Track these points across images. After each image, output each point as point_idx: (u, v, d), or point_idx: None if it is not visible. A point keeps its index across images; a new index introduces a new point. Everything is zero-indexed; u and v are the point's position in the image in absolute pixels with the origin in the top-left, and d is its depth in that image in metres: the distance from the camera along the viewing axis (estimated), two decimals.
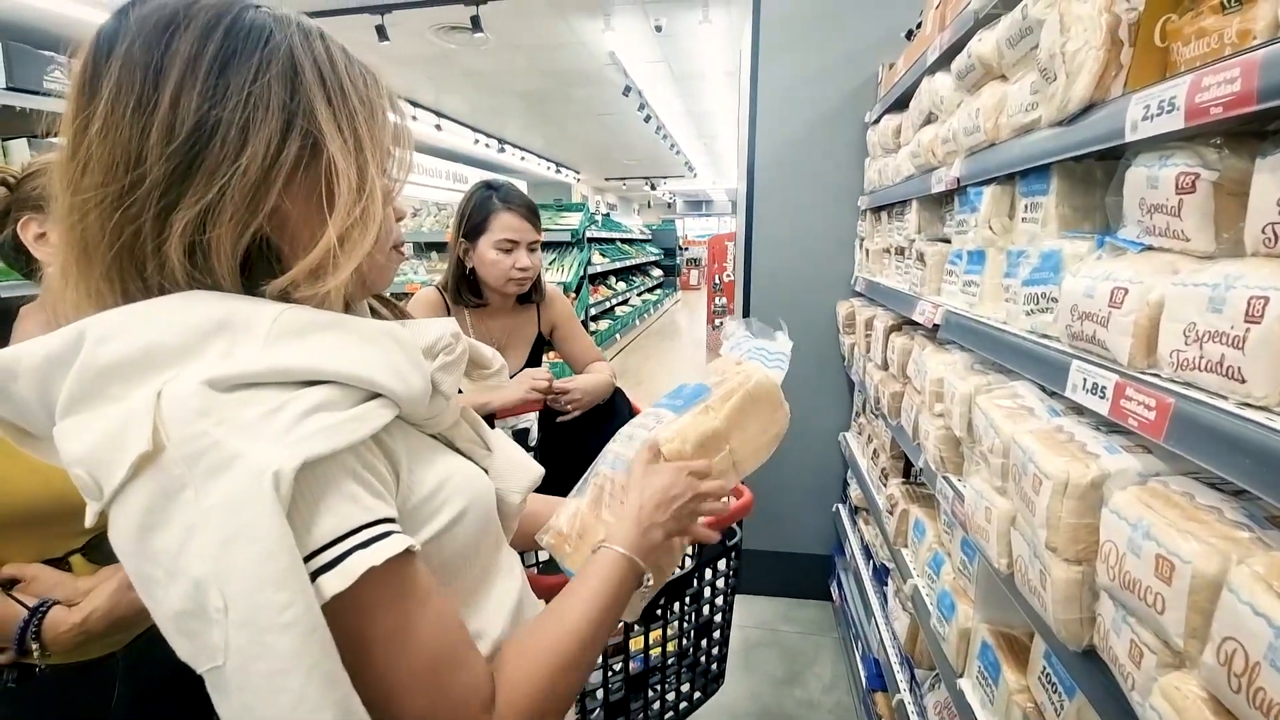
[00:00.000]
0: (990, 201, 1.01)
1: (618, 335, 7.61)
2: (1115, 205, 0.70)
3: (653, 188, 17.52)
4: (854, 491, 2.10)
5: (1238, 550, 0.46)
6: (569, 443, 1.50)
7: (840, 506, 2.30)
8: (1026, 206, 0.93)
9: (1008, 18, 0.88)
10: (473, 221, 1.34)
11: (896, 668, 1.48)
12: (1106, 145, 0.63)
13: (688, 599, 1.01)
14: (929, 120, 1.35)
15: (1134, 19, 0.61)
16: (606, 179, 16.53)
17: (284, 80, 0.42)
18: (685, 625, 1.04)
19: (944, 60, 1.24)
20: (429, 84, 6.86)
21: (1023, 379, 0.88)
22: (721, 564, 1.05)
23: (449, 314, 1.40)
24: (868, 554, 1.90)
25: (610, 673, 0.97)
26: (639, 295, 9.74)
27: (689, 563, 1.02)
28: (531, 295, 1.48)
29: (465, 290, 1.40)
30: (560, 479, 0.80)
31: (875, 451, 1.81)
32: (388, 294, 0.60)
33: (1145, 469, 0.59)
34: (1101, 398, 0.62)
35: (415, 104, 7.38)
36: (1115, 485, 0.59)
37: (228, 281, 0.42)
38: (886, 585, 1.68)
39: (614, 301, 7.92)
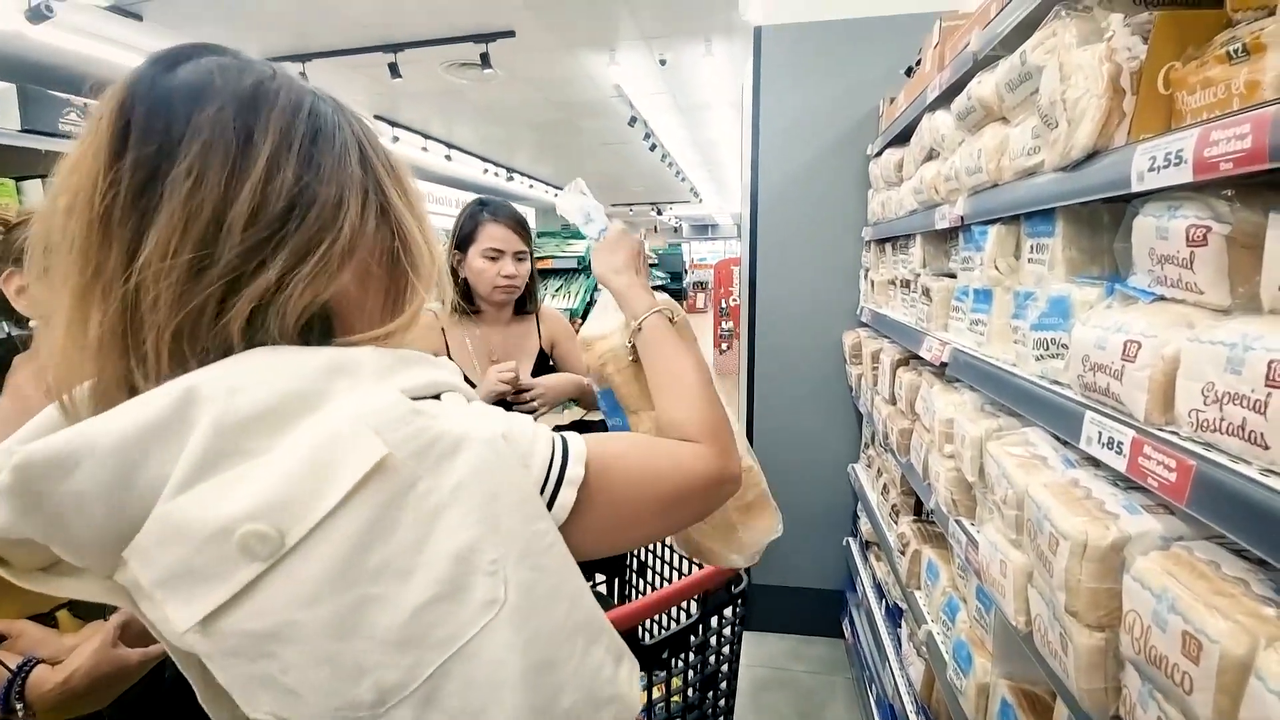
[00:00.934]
0: (995, 241, 1.00)
1: None
2: (1124, 251, 0.69)
3: (659, 213, 17.72)
4: (864, 525, 2.05)
5: (1265, 630, 0.43)
6: None
7: (850, 540, 2.25)
8: (1033, 247, 0.91)
9: (1006, 62, 0.88)
10: (464, 233, 1.41)
11: (912, 716, 1.42)
12: (1112, 194, 0.62)
13: (693, 650, 0.98)
14: (930, 156, 1.35)
15: (1135, 67, 0.60)
16: (614, 205, 16.75)
17: (359, 159, 0.46)
18: (691, 676, 1.01)
19: (944, 99, 1.24)
20: (440, 117, 7.03)
21: (1034, 425, 0.85)
22: (728, 612, 1.02)
23: (443, 330, 1.43)
24: (880, 592, 1.84)
25: None
26: None
27: (695, 610, 0.99)
28: (526, 305, 1.52)
29: (460, 300, 1.46)
30: None
31: (885, 486, 1.77)
32: None
33: (1168, 532, 0.57)
34: (1118, 453, 0.60)
35: (427, 136, 7.56)
36: (1137, 549, 0.56)
37: (284, 341, 0.42)
38: (900, 627, 1.62)
39: None
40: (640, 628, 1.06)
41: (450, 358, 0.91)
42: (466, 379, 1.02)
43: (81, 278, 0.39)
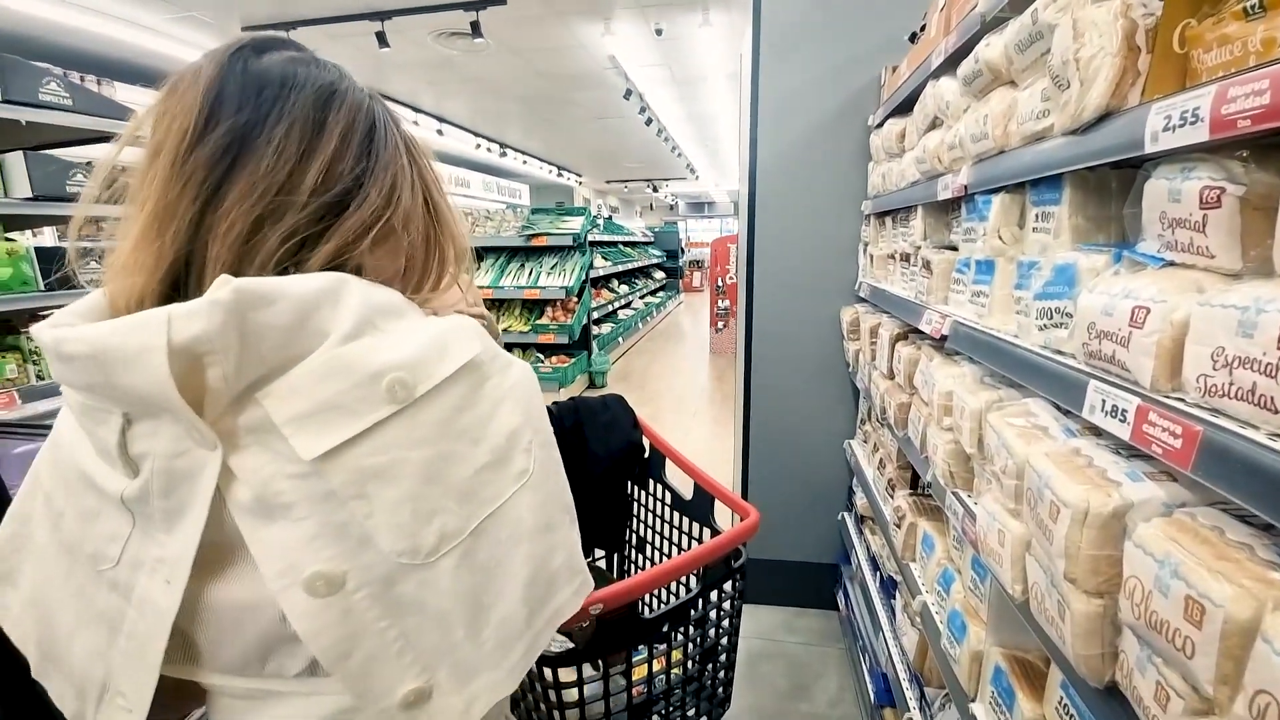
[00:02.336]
0: (1000, 210, 0.98)
1: (620, 339, 7.58)
2: (1134, 217, 0.67)
3: (655, 190, 17.50)
4: (859, 500, 2.07)
5: (1272, 594, 0.43)
6: (569, 450, 1.49)
7: (845, 515, 2.27)
8: (1038, 216, 0.90)
9: (1016, 22, 0.85)
10: None
11: (906, 685, 1.45)
12: (1125, 156, 0.60)
13: (693, 623, 0.98)
14: (934, 125, 1.32)
15: (1151, 24, 0.58)
16: (608, 181, 16.52)
17: (407, 154, 0.55)
18: (691, 649, 1.01)
19: (949, 65, 1.21)
20: (430, 89, 6.86)
21: (1036, 396, 0.85)
22: (727, 586, 1.02)
23: None
24: (874, 565, 1.87)
25: (614, 699, 0.94)
26: (641, 298, 9.72)
27: (695, 584, 1.00)
28: None
29: None
30: None
31: (882, 461, 1.78)
32: None
33: (1170, 499, 0.56)
34: (1122, 421, 0.59)
35: (417, 109, 7.39)
36: (1139, 516, 0.56)
37: None
38: (894, 599, 1.65)
39: (616, 305, 7.90)
40: (640, 602, 1.07)
41: None
42: None
43: (157, 208, 0.46)
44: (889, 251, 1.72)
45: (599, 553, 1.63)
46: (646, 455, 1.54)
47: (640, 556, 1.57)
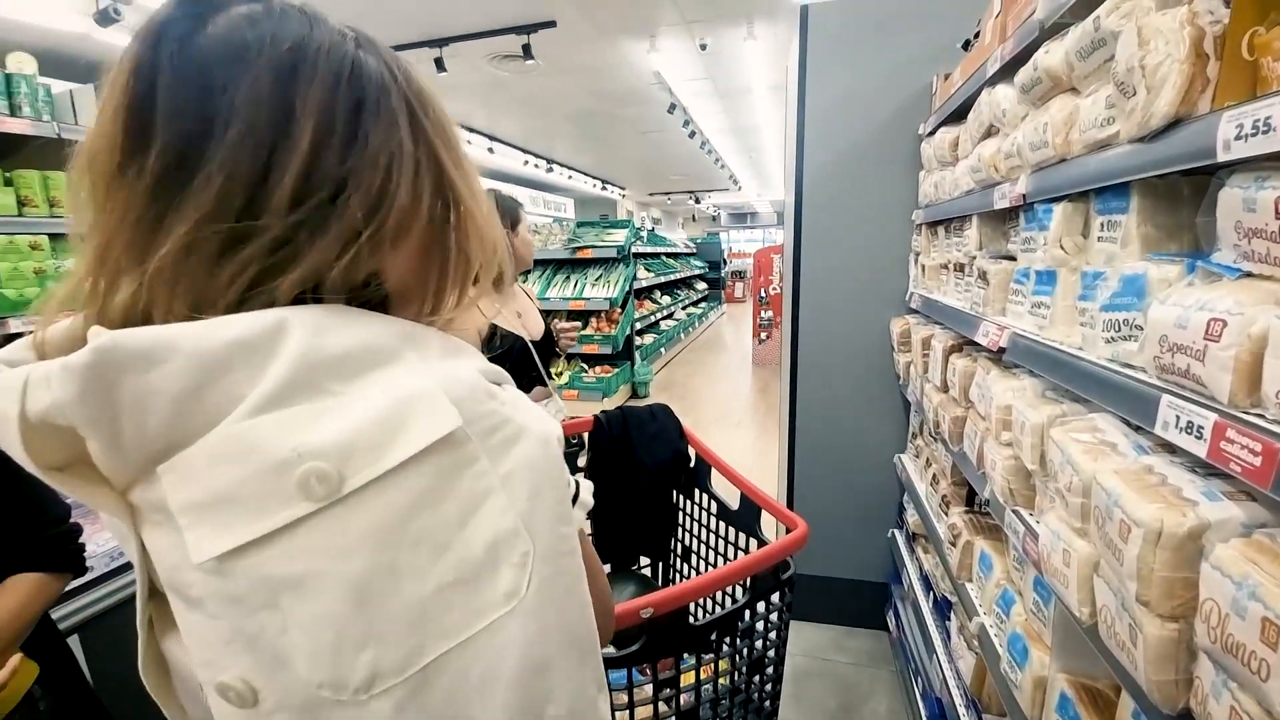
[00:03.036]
0: (1062, 219, 0.95)
1: (663, 349, 7.61)
2: (1207, 226, 0.65)
3: (697, 202, 17.55)
4: (911, 517, 2.00)
5: None
6: (616, 459, 1.52)
7: (896, 532, 2.20)
8: (1103, 225, 0.87)
9: (1077, 29, 0.84)
10: (513, 215, 1.82)
11: (962, 710, 1.39)
12: (1195, 165, 0.59)
13: (740, 634, 0.99)
14: (989, 133, 1.30)
15: (1219, 31, 0.57)
16: (651, 194, 16.68)
17: (409, 126, 0.42)
18: (738, 660, 1.02)
19: (1005, 72, 1.19)
20: (483, 110, 7.15)
21: (1103, 411, 0.82)
22: (775, 598, 1.02)
23: (477, 308, 1.67)
24: (927, 585, 1.81)
25: (662, 705, 0.96)
26: (684, 309, 9.73)
27: (741, 595, 1.00)
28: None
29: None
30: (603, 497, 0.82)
31: (935, 477, 1.73)
32: None
33: (1250, 519, 0.54)
34: (1198, 438, 0.57)
35: (470, 129, 7.70)
36: (1216, 537, 0.54)
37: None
38: (949, 620, 1.59)
39: (659, 315, 7.94)
40: (687, 610, 1.08)
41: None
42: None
43: (95, 246, 0.37)
44: (941, 262, 1.68)
45: (644, 560, 1.65)
46: (692, 465, 1.55)
47: (685, 565, 1.58)
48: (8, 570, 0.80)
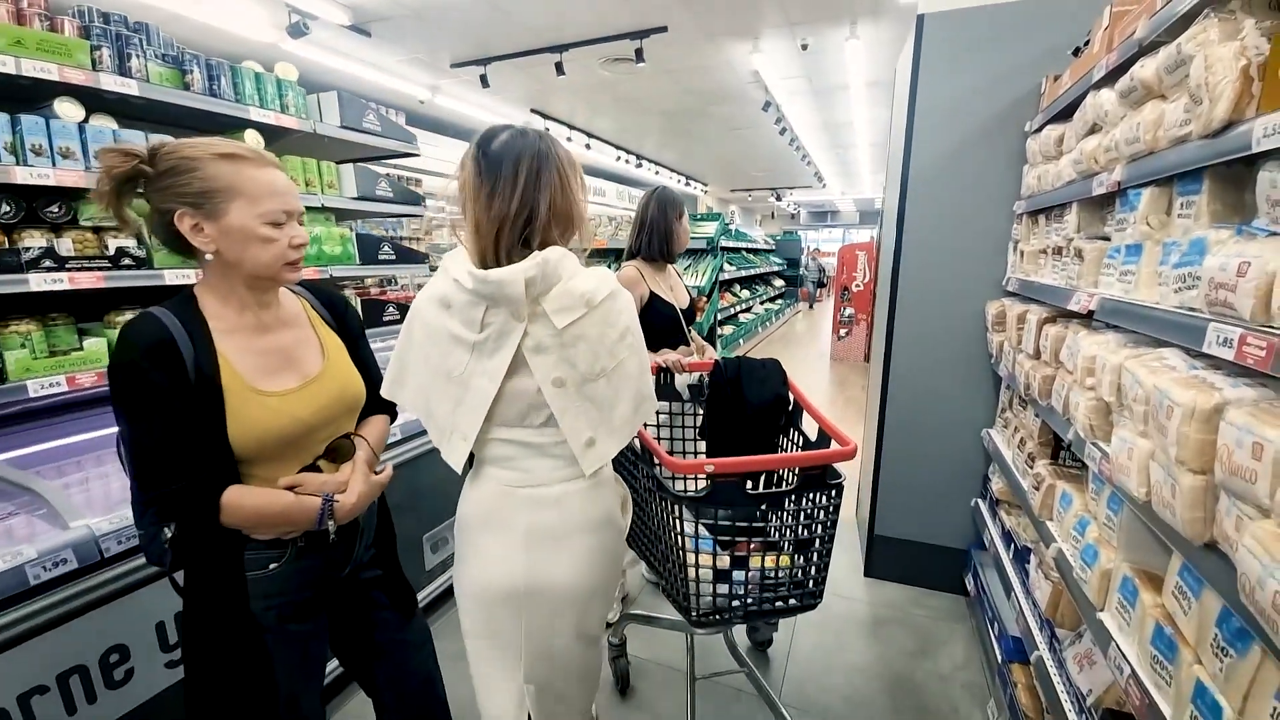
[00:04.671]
0: (1148, 201, 1.17)
1: (741, 340, 7.83)
2: (1253, 201, 0.88)
3: (778, 198, 17.44)
4: (995, 485, 2.19)
5: None
6: (727, 392, 1.84)
7: (980, 501, 2.38)
8: (1182, 204, 1.09)
9: (1165, 50, 1.06)
10: (679, 207, 2.15)
11: (1036, 631, 1.61)
12: (1237, 155, 0.82)
13: (789, 513, 1.28)
14: (1092, 130, 1.50)
15: (1262, 60, 0.80)
16: (732, 190, 16.77)
17: (579, 184, 1.01)
18: (787, 535, 1.31)
19: (1108, 78, 1.39)
20: (585, 109, 7.64)
21: (1171, 346, 1.05)
22: (821, 498, 1.28)
23: (644, 279, 2.12)
24: (1008, 539, 2.00)
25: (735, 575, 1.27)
26: (761, 304, 9.87)
27: (793, 480, 1.28)
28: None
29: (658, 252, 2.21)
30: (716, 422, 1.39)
31: (1022, 440, 1.92)
32: None
33: (1259, 398, 0.78)
34: (1229, 347, 0.81)
35: (571, 126, 8.23)
36: (1233, 410, 0.78)
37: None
38: (1028, 563, 1.79)
39: (738, 308, 8.16)
40: (748, 479, 1.42)
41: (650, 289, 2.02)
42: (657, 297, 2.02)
43: (467, 220, 0.98)
44: (1040, 247, 1.87)
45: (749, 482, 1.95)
46: (790, 408, 1.83)
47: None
48: (368, 412, 1.22)
